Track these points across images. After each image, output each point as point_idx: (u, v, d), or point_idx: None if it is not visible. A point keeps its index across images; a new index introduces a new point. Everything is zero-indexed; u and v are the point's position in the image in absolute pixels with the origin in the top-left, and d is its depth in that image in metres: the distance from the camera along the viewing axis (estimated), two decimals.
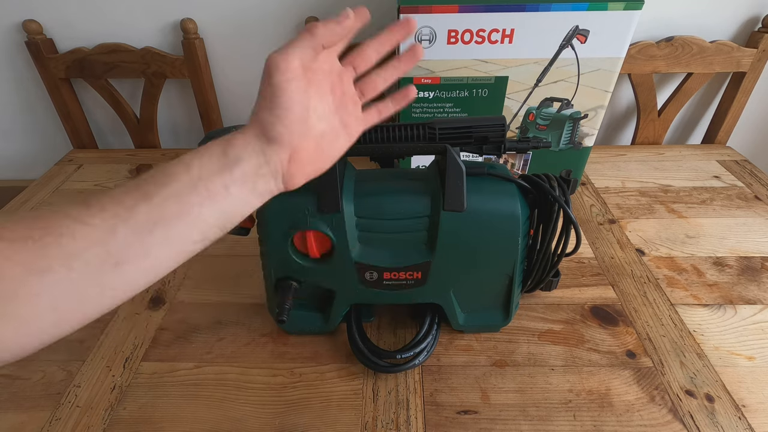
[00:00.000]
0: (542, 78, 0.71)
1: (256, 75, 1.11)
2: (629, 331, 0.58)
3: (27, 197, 0.88)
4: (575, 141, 0.78)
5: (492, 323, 0.57)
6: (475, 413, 0.50)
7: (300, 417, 0.50)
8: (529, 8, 0.65)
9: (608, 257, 0.70)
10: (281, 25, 0.92)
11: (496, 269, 0.52)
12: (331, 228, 0.48)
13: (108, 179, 0.94)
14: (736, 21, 0.91)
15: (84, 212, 0.28)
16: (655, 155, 0.97)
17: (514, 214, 0.48)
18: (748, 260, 0.69)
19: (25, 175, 1.14)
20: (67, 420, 0.50)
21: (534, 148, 0.49)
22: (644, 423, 0.48)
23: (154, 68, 0.94)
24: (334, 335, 0.58)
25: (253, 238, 0.54)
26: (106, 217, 0.28)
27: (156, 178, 0.31)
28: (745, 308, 0.61)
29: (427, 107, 0.75)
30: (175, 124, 1.08)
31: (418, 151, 0.48)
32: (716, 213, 0.79)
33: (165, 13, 0.92)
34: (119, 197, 0.29)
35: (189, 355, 0.56)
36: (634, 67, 0.91)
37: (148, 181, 0.30)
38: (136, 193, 0.30)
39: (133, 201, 0.29)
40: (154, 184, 0.30)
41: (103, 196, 0.29)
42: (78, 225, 0.28)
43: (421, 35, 0.67)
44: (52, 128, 1.08)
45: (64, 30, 0.94)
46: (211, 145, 0.33)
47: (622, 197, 0.84)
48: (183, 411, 0.51)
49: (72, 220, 0.28)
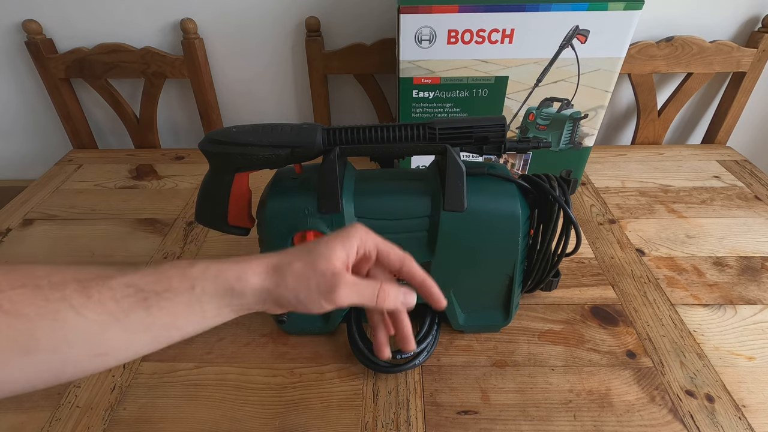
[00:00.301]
0: (542, 78, 0.71)
1: (256, 75, 1.10)
2: (629, 331, 0.58)
3: (27, 197, 0.88)
4: (575, 141, 0.78)
5: (492, 323, 0.57)
6: (475, 413, 0.50)
7: (300, 417, 0.50)
8: (529, 8, 0.65)
9: (608, 257, 0.70)
10: (281, 25, 0.92)
11: (496, 269, 0.52)
12: (331, 228, 0.48)
13: (108, 179, 0.94)
14: (736, 21, 0.91)
15: (83, 303, 0.29)
16: (655, 155, 0.97)
17: (514, 214, 0.48)
18: (748, 260, 0.69)
19: (25, 175, 1.14)
20: (67, 420, 0.50)
21: (534, 148, 0.49)
22: (644, 423, 0.48)
23: (154, 68, 0.94)
24: (334, 335, 0.58)
25: (253, 238, 0.54)
26: (102, 313, 0.29)
27: (158, 285, 0.31)
28: (745, 308, 0.61)
29: (427, 107, 0.75)
30: (175, 124, 1.08)
31: (418, 151, 0.48)
32: (716, 213, 0.79)
33: (165, 13, 0.92)
34: (119, 297, 0.30)
35: (189, 356, 0.56)
36: (634, 67, 0.91)
37: (149, 286, 0.31)
38: (135, 297, 0.30)
39: (129, 305, 0.30)
40: (154, 292, 0.31)
41: (104, 286, 0.30)
42: (73, 314, 0.28)
43: (421, 35, 0.67)
44: (52, 128, 1.08)
45: (64, 30, 0.94)
46: (221, 270, 0.33)
47: (622, 197, 0.84)
48: (183, 411, 0.51)
49: (69, 307, 0.28)
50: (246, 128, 0.47)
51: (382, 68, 0.92)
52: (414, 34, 0.67)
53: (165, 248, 0.74)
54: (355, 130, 0.47)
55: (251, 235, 0.55)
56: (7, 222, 0.81)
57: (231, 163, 0.48)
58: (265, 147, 0.46)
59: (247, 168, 0.49)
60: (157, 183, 0.92)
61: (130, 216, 0.82)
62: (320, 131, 0.46)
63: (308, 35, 0.90)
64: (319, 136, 0.46)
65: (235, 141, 0.46)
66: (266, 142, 0.46)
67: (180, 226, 0.79)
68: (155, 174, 0.95)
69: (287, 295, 0.34)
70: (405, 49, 0.69)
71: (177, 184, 0.92)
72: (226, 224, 0.53)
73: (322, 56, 0.92)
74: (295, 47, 0.95)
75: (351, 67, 0.94)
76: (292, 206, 0.48)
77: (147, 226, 0.79)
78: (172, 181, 0.93)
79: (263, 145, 0.46)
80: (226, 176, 0.49)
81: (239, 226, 0.54)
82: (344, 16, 0.92)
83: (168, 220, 0.81)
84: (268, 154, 0.46)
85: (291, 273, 0.34)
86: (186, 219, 0.81)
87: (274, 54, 0.96)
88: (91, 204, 0.86)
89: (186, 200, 0.86)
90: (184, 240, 0.75)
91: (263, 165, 0.47)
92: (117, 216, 0.82)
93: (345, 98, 1.03)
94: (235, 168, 0.49)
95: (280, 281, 0.34)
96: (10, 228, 0.80)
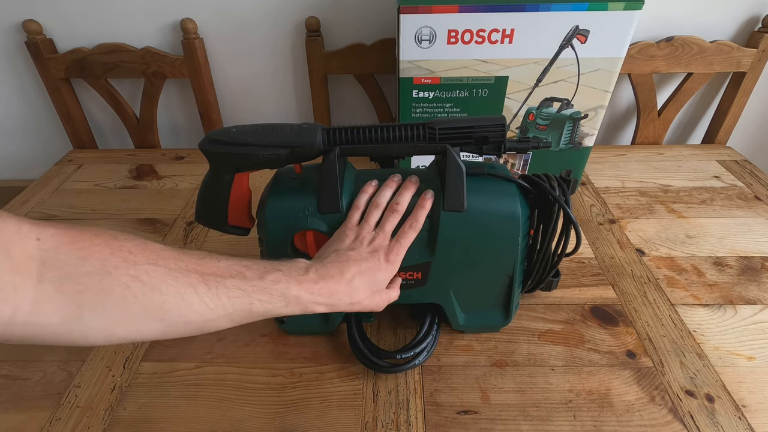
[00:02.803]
0: (542, 78, 0.71)
1: (256, 75, 1.10)
2: (629, 331, 0.58)
3: (27, 197, 0.88)
4: (575, 141, 0.78)
5: (492, 323, 0.57)
6: (475, 413, 0.50)
7: (300, 417, 0.50)
8: (529, 8, 0.65)
9: (608, 257, 0.70)
10: (281, 25, 0.92)
11: (496, 269, 0.52)
12: (331, 228, 0.48)
13: (108, 179, 0.94)
14: (736, 21, 0.91)
15: (204, 291, 0.36)
16: (655, 155, 0.97)
17: (514, 214, 0.48)
18: (748, 260, 0.69)
19: (25, 175, 1.14)
20: (67, 420, 0.50)
21: (534, 148, 0.49)
22: (644, 423, 0.48)
23: (154, 68, 0.94)
24: (334, 335, 0.58)
25: (253, 238, 0.54)
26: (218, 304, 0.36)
27: (262, 296, 0.39)
28: (745, 308, 0.61)
29: (427, 107, 0.75)
30: (175, 124, 1.08)
31: (418, 151, 0.48)
32: (716, 213, 0.79)
33: (165, 13, 0.92)
34: (232, 295, 0.37)
35: (189, 355, 0.56)
36: (634, 67, 0.91)
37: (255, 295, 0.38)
38: (242, 300, 0.38)
39: (239, 304, 0.37)
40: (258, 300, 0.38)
41: (221, 284, 0.37)
42: (197, 299, 0.35)
43: (421, 35, 0.67)
44: (52, 128, 1.08)
45: (64, 30, 0.94)
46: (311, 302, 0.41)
47: (622, 197, 0.84)
48: (183, 411, 0.51)
49: (193, 292, 0.35)
50: (246, 128, 0.47)
51: (382, 68, 0.92)
52: (414, 34, 0.67)
53: None
54: (355, 130, 0.47)
55: (251, 235, 0.55)
56: None
57: (231, 163, 0.48)
58: (265, 147, 0.46)
59: (247, 168, 0.49)
60: (157, 183, 0.92)
61: (130, 216, 0.82)
62: (320, 131, 0.46)
63: (308, 35, 0.90)
64: (319, 136, 0.46)
65: (235, 141, 0.46)
66: (266, 142, 0.46)
67: (180, 226, 0.79)
68: (155, 174, 0.95)
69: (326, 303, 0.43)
70: (405, 49, 0.69)
71: (177, 184, 0.92)
72: (226, 224, 0.53)
73: (322, 56, 0.92)
74: (295, 47, 0.95)
75: (351, 67, 0.94)
76: (292, 206, 0.48)
77: (147, 226, 0.79)
78: (172, 181, 0.93)
79: (263, 145, 0.46)
80: (226, 176, 0.49)
81: (239, 226, 0.54)
82: (344, 16, 0.92)
83: (168, 220, 0.81)
84: (268, 154, 0.46)
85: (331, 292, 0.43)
86: (186, 219, 0.81)
87: (274, 54, 0.96)
88: (91, 204, 0.86)
89: (186, 200, 0.86)
90: (184, 240, 0.75)
91: (263, 165, 0.47)
92: (117, 216, 0.82)
93: (345, 98, 1.03)
94: (235, 168, 0.49)
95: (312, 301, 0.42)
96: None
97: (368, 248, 0.45)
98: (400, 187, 0.50)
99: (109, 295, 0.31)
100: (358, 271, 0.43)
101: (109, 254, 0.32)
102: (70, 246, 0.31)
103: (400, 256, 0.46)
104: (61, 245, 0.31)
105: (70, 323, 0.31)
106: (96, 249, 0.32)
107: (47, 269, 0.30)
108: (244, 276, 0.38)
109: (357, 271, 0.43)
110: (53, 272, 0.30)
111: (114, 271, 0.32)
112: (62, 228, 0.32)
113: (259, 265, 0.40)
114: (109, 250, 0.32)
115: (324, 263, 0.43)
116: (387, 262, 0.45)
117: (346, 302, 0.43)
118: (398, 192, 0.49)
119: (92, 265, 0.31)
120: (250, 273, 0.38)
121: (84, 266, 0.31)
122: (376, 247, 0.45)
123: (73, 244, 0.31)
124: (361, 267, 0.43)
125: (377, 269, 0.44)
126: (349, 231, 0.47)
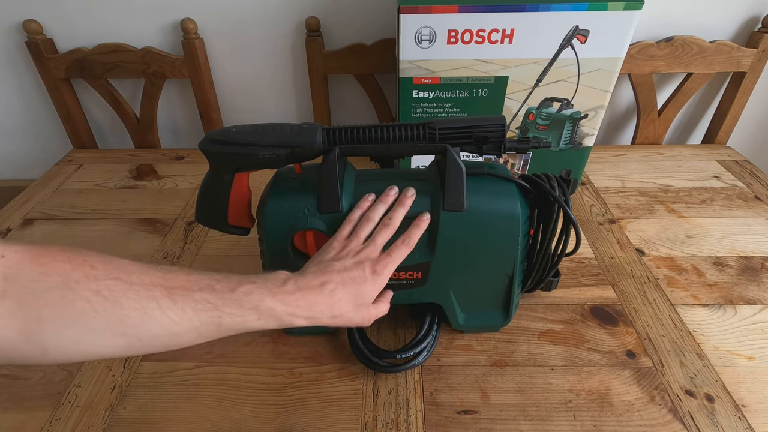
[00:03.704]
0: (542, 78, 0.71)
1: (256, 75, 1.10)
2: (629, 331, 0.58)
3: (27, 197, 0.88)
4: (575, 141, 0.78)
5: (492, 323, 0.57)
6: (475, 413, 0.50)
7: (300, 417, 0.50)
8: (529, 8, 0.65)
9: (608, 257, 0.70)
10: (281, 25, 0.92)
11: (496, 269, 0.52)
12: (331, 228, 0.48)
13: (108, 179, 0.94)
14: (736, 21, 0.91)
15: (169, 306, 0.34)
16: (655, 155, 0.97)
17: (514, 214, 0.48)
18: (748, 260, 0.69)
19: (25, 175, 1.14)
20: (67, 420, 0.50)
21: (534, 148, 0.49)
22: (644, 423, 0.48)
23: (154, 68, 0.94)
24: (334, 335, 0.58)
25: (253, 238, 0.54)
26: (183, 318, 0.35)
27: (232, 309, 0.37)
28: (745, 308, 0.61)
29: (427, 107, 0.75)
30: (175, 124, 1.08)
31: (418, 151, 0.48)
32: (716, 213, 0.79)
33: (165, 13, 0.92)
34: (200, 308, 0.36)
35: (189, 355, 0.56)
36: (634, 67, 0.91)
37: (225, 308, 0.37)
38: (211, 313, 0.37)
39: (206, 317, 0.37)
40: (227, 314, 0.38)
41: (187, 297, 0.35)
42: (160, 313, 0.34)
43: (421, 35, 0.67)
44: (52, 128, 1.08)
45: (64, 30, 0.94)
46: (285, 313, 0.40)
47: (622, 197, 0.84)
48: (183, 411, 0.51)
49: (156, 306, 0.34)
50: (246, 128, 0.47)
51: (382, 68, 0.92)
52: (414, 34, 0.67)
53: (165, 248, 0.74)
54: (355, 130, 0.47)
55: (251, 235, 0.55)
56: (7, 222, 0.81)
57: (231, 162, 0.48)
58: (265, 147, 0.46)
59: (247, 168, 0.49)
60: (157, 183, 0.92)
61: (130, 216, 0.82)
62: (320, 131, 0.46)
63: (308, 35, 0.90)
64: (319, 136, 0.46)
65: (235, 141, 0.46)
66: (266, 142, 0.46)
67: (180, 226, 0.79)
68: (155, 174, 0.95)
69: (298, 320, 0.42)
70: (405, 49, 0.69)
71: (177, 184, 0.92)
72: (226, 224, 0.53)
73: (322, 56, 0.92)
74: (295, 47, 0.95)
75: (351, 67, 0.94)
76: (292, 206, 0.48)
77: (147, 226, 0.79)
78: (172, 181, 0.93)
79: (263, 144, 0.46)
80: (226, 176, 0.49)
81: (239, 225, 0.54)
82: (344, 16, 0.92)
83: (168, 220, 0.81)
84: (268, 154, 0.46)
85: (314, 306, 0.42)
86: (186, 219, 0.81)
87: (274, 54, 0.96)
88: (91, 204, 0.86)
89: (186, 200, 0.86)
90: (184, 240, 0.75)
91: (263, 165, 0.47)
92: (117, 216, 0.82)
93: (345, 98, 1.03)
94: (235, 168, 0.49)
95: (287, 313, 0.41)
96: (10, 228, 0.80)
97: (353, 259, 0.43)
98: (395, 203, 0.48)
99: (70, 309, 0.31)
100: (340, 281, 0.41)
101: (71, 269, 0.32)
102: (33, 262, 0.31)
103: (388, 269, 0.44)
104: (24, 261, 0.31)
105: (31, 339, 0.31)
106: (58, 264, 0.32)
107: (9, 285, 0.30)
108: (213, 289, 0.37)
109: (339, 281, 0.41)
110: (15, 287, 0.30)
111: (75, 285, 0.31)
112: (28, 246, 0.32)
113: (231, 278, 0.38)
114: (70, 266, 0.32)
115: (304, 274, 0.42)
116: (373, 274, 0.43)
117: (327, 315, 0.41)
118: (393, 208, 0.48)
119: (54, 280, 0.31)
120: (219, 286, 0.37)
121: (46, 281, 0.31)
122: (362, 258, 0.43)
123: (35, 260, 0.31)
124: (344, 278, 0.42)
125: (362, 281, 0.42)
126: (337, 243, 0.46)
